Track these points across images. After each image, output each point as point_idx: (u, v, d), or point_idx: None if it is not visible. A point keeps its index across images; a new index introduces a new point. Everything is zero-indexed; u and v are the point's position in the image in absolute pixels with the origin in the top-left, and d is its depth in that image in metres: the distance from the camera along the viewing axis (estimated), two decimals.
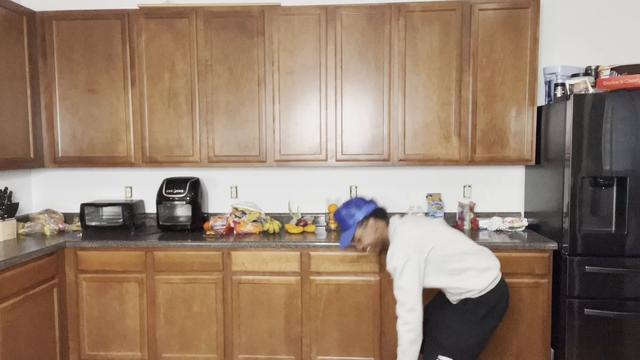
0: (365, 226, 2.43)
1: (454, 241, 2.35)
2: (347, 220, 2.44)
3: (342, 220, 2.46)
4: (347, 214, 2.45)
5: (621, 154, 2.81)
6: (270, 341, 3.14)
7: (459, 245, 2.34)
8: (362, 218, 2.42)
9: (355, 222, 2.42)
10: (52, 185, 3.83)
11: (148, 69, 3.35)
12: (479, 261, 2.32)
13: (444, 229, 2.43)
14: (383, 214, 2.48)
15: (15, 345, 2.72)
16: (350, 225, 2.44)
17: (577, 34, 3.48)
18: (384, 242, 2.48)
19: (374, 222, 2.44)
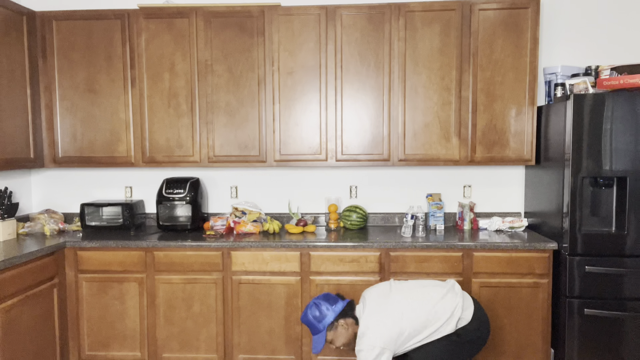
0: (336, 328, 2.38)
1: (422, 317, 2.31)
2: (316, 325, 2.38)
3: (311, 325, 2.40)
4: (314, 318, 2.38)
5: (621, 154, 2.81)
6: (270, 341, 3.14)
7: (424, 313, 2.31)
8: (332, 320, 2.37)
9: (325, 326, 2.36)
10: (52, 185, 3.83)
11: (148, 69, 3.35)
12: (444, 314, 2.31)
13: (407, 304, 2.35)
14: (352, 310, 2.42)
15: (15, 345, 2.72)
16: (320, 330, 2.37)
17: (577, 34, 3.48)
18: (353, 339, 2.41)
19: (344, 322, 2.39)
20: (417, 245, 3.04)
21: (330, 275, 3.09)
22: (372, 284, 3.05)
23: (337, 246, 3.06)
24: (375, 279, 3.06)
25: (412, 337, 2.29)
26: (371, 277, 3.07)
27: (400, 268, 3.05)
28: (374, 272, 3.06)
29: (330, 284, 3.08)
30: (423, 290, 2.42)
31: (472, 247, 3.01)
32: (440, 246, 3.03)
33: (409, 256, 3.04)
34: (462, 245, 3.01)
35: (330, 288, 3.08)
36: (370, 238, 3.16)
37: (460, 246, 3.01)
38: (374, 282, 3.06)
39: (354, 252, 3.06)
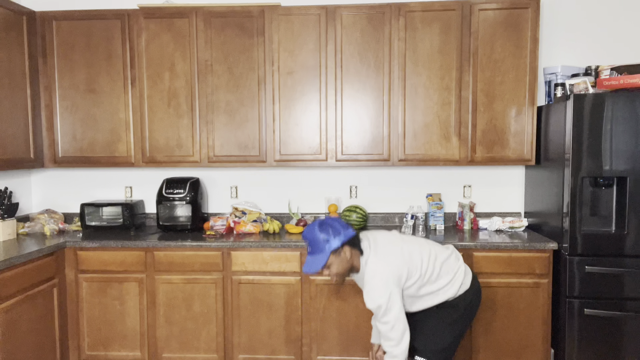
0: (339, 254, 2.20)
1: (426, 260, 2.27)
2: (321, 245, 2.18)
3: (315, 243, 2.19)
4: (321, 237, 2.18)
5: (621, 154, 2.81)
6: (270, 341, 3.14)
7: (432, 264, 2.27)
8: (338, 245, 2.18)
9: (330, 249, 2.17)
10: (52, 185, 3.83)
11: (148, 69, 3.35)
12: (448, 274, 2.29)
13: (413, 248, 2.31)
14: (359, 241, 2.27)
15: (15, 345, 2.72)
16: (322, 250, 2.18)
17: (577, 34, 3.48)
18: (351, 270, 2.30)
19: (349, 250, 2.21)
20: None
21: None
22: None
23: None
24: None
25: (419, 288, 2.25)
26: None
27: None
28: None
29: (331, 284, 3.08)
30: (431, 247, 2.36)
31: (472, 247, 3.01)
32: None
33: None
34: (462, 245, 3.01)
35: (330, 288, 3.09)
36: None
37: (460, 246, 3.01)
38: None
39: None
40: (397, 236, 2.40)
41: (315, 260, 2.20)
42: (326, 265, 2.22)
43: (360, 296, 3.07)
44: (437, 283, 2.27)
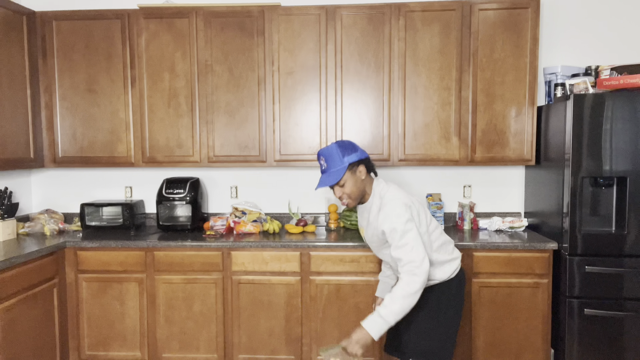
0: (355, 172, 2.15)
1: (432, 223, 2.27)
2: (338, 158, 2.13)
3: (332, 157, 2.14)
4: (340, 151, 2.14)
5: (621, 154, 2.81)
6: (270, 341, 3.14)
7: (437, 231, 2.26)
8: (356, 160, 2.14)
9: (347, 163, 2.12)
10: (52, 185, 3.83)
11: (148, 69, 3.35)
12: (447, 253, 2.26)
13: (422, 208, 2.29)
14: (373, 167, 2.23)
15: (15, 345, 2.72)
16: (340, 164, 2.12)
17: (577, 34, 3.48)
18: (363, 193, 2.22)
19: (364, 169, 2.17)
20: None
21: (330, 275, 3.09)
22: (372, 284, 3.06)
23: (337, 246, 3.06)
24: (375, 279, 3.06)
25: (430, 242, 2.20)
26: (371, 277, 3.06)
27: None
28: (374, 272, 3.06)
29: (331, 284, 3.08)
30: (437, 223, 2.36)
31: (472, 247, 3.01)
32: None
33: None
34: (462, 245, 3.01)
35: (330, 288, 3.09)
36: None
37: (460, 246, 3.01)
38: (374, 282, 3.06)
39: (354, 252, 3.06)
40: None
41: (330, 175, 2.15)
42: (340, 183, 2.16)
43: (360, 296, 3.07)
44: (435, 254, 2.20)
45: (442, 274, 2.23)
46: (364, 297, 3.07)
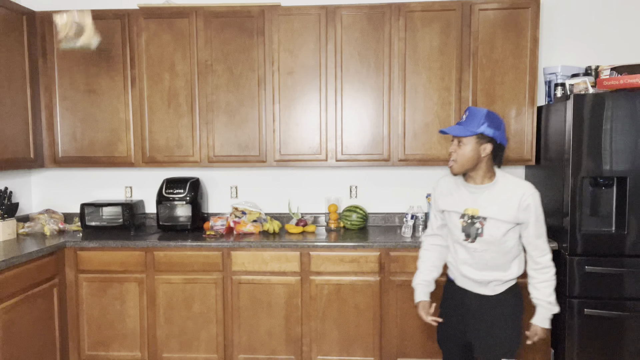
0: (479, 144, 2.06)
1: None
2: (476, 122, 2.05)
3: (473, 118, 2.07)
4: (483, 119, 2.05)
5: (621, 154, 2.81)
6: (270, 341, 3.14)
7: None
8: (489, 135, 2.04)
9: (480, 131, 2.04)
10: (52, 185, 3.83)
11: (148, 69, 3.35)
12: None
13: None
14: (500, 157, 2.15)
15: (15, 345, 2.72)
16: (472, 127, 2.05)
17: (577, 34, 3.48)
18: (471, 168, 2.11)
19: (489, 149, 2.07)
20: (417, 245, 3.04)
21: (330, 275, 3.09)
22: (372, 284, 3.06)
23: (337, 246, 3.06)
24: (375, 279, 3.06)
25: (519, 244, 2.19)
26: (371, 277, 3.07)
27: (400, 268, 3.05)
28: (374, 272, 3.06)
29: (331, 284, 3.08)
30: None
31: None
32: None
33: (409, 256, 3.04)
34: None
35: (330, 288, 3.09)
36: (370, 238, 3.16)
37: None
38: (374, 282, 3.06)
39: (354, 252, 3.06)
40: None
41: (459, 128, 2.08)
42: (461, 140, 2.08)
43: (360, 296, 3.07)
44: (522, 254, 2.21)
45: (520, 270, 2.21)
46: (364, 297, 3.07)
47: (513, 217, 2.06)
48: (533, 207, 2.06)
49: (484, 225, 2.10)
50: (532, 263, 2.14)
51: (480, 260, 2.14)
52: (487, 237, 2.10)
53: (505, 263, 2.14)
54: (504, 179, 2.16)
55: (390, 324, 3.07)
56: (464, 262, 2.19)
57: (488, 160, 2.12)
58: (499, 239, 2.09)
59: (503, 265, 2.14)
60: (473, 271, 2.17)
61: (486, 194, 2.12)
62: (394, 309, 3.07)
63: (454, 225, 2.19)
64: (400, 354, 3.09)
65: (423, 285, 2.36)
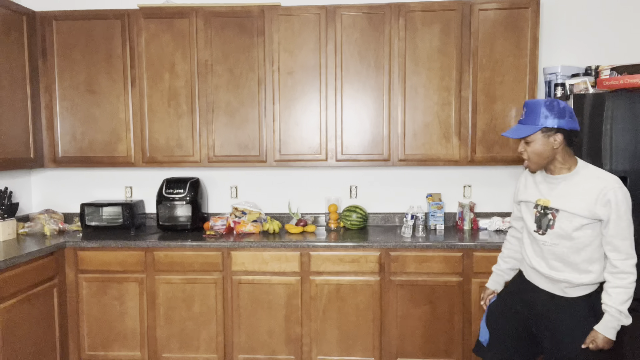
0: (548, 137, 1.94)
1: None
2: (536, 115, 1.94)
3: (533, 112, 1.96)
4: (543, 110, 1.93)
5: (621, 154, 2.81)
6: (270, 341, 3.14)
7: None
8: (554, 126, 1.92)
9: (543, 125, 1.93)
10: (52, 185, 3.83)
11: (148, 69, 3.35)
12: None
13: None
14: (578, 142, 2.03)
15: (15, 345, 2.72)
16: (535, 122, 1.94)
17: (577, 34, 3.48)
18: (548, 163, 2.01)
19: (561, 139, 1.94)
20: (417, 245, 3.04)
21: (330, 275, 3.09)
22: (372, 284, 3.06)
23: (337, 246, 3.07)
24: (375, 279, 3.06)
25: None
26: (371, 277, 3.07)
27: (400, 268, 3.05)
28: (374, 272, 3.06)
29: (331, 284, 3.08)
30: None
31: (472, 247, 3.01)
32: (440, 246, 3.03)
33: (409, 256, 3.04)
34: (462, 245, 3.01)
35: (330, 288, 3.09)
36: (370, 238, 3.16)
37: (460, 246, 3.01)
38: (374, 282, 3.06)
39: (354, 252, 3.06)
40: None
41: (521, 128, 1.98)
42: (527, 139, 1.98)
43: (360, 296, 3.07)
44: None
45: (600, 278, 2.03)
46: (364, 297, 3.07)
47: (588, 212, 1.91)
48: (614, 203, 1.88)
49: (556, 218, 1.99)
50: (609, 266, 1.93)
51: (550, 255, 2.02)
52: (557, 230, 1.98)
53: (579, 263, 1.97)
54: (585, 170, 2.00)
55: (390, 324, 3.07)
56: (534, 254, 2.10)
57: (563, 150, 1.98)
58: (570, 234, 1.96)
59: (577, 265, 1.97)
60: (543, 265, 2.05)
61: (562, 185, 2.01)
62: (394, 309, 3.07)
63: (528, 216, 2.11)
64: (400, 354, 3.09)
65: (495, 273, 2.35)
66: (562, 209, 1.97)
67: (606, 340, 1.92)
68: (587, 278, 1.97)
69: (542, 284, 2.08)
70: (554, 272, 2.02)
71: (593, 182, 1.95)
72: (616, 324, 1.91)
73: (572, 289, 2.00)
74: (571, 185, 1.98)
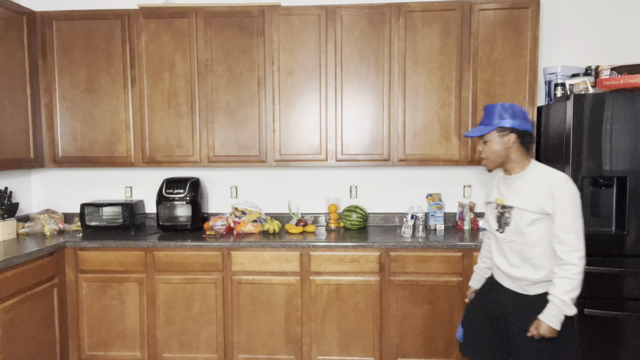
0: (503, 136, 2.10)
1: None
2: (492, 117, 2.12)
3: (489, 114, 2.14)
4: (498, 112, 2.11)
5: (621, 154, 2.81)
6: (270, 341, 3.14)
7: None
8: (507, 127, 2.08)
9: (497, 125, 2.09)
10: (52, 185, 3.83)
11: (148, 69, 3.35)
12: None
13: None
14: (529, 143, 2.14)
15: (15, 345, 2.72)
16: (490, 123, 2.12)
17: (577, 34, 3.48)
18: (504, 163, 2.16)
19: (515, 139, 2.10)
20: (417, 245, 3.04)
21: (330, 275, 3.09)
22: (372, 284, 3.06)
23: (337, 246, 3.07)
24: (375, 279, 3.06)
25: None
26: (371, 277, 3.07)
27: (400, 268, 3.05)
28: (374, 272, 3.06)
29: (331, 284, 3.08)
30: None
31: (472, 247, 3.01)
32: (440, 246, 3.03)
33: (409, 256, 3.04)
34: (462, 245, 3.01)
35: (330, 288, 3.09)
36: (370, 238, 3.16)
37: (460, 246, 3.01)
38: (374, 282, 3.06)
39: (354, 252, 3.06)
40: None
41: (479, 128, 2.16)
42: (484, 139, 2.15)
43: (360, 296, 3.07)
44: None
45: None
46: (364, 297, 3.07)
47: (536, 207, 2.02)
48: (559, 197, 1.99)
49: (511, 215, 2.10)
50: (557, 259, 2.03)
51: (510, 252, 2.13)
52: (513, 226, 2.10)
53: (534, 258, 2.06)
54: (536, 169, 2.12)
55: (390, 324, 3.07)
56: (497, 252, 2.21)
57: (517, 150, 2.12)
58: (522, 229, 2.06)
59: (532, 261, 2.07)
60: (504, 263, 2.17)
61: (517, 184, 2.13)
62: (394, 309, 3.07)
63: (491, 216, 2.23)
64: (400, 354, 3.09)
65: (476, 272, 2.48)
66: (515, 205, 2.09)
67: (549, 329, 1.98)
68: (541, 274, 2.06)
69: (506, 282, 2.18)
70: (514, 269, 2.12)
71: (541, 179, 2.07)
72: (558, 313, 1.97)
73: (531, 286, 2.08)
74: (524, 184, 2.11)
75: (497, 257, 2.21)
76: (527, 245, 2.07)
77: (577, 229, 1.99)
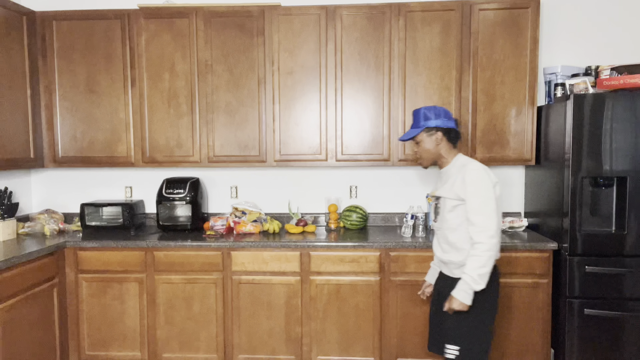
0: (431, 135, 2.34)
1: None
2: (419, 120, 2.36)
3: (417, 117, 2.38)
4: (423, 114, 2.35)
5: (621, 154, 2.81)
6: (270, 341, 3.14)
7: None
8: (433, 126, 2.32)
9: (424, 126, 2.33)
10: (52, 185, 3.83)
11: (148, 69, 3.35)
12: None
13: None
14: (455, 138, 2.37)
15: (15, 345, 2.72)
16: (418, 125, 2.35)
17: (577, 34, 3.48)
18: (436, 160, 2.39)
19: (441, 137, 2.33)
20: (417, 245, 3.04)
21: (330, 275, 3.09)
22: (372, 284, 3.06)
23: (337, 246, 3.07)
24: (375, 279, 3.06)
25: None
26: (371, 277, 3.07)
27: (400, 268, 3.05)
28: (374, 272, 3.06)
29: (331, 284, 3.08)
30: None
31: None
32: None
33: (409, 256, 3.04)
34: None
35: (330, 288, 3.09)
36: (370, 238, 3.16)
37: None
38: (374, 282, 3.06)
39: (354, 252, 3.06)
40: None
41: (410, 132, 2.40)
42: (416, 140, 2.39)
43: (360, 296, 3.07)
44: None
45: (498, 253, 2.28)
46: (364, 297, 3.07)
47: (453, 194, 2.23)
48: (468, 183, 2.18)
49: (440, 205, 2.34)
50: (470, 240, 2.20)
51: (441, 239, 2.37)
52: (441, 215, 2.34)
53: (456, 242, 2.27)
54: (459, 161, 2.34)
55: (390, 324, 3.07)
56: (435, 241, 2.46)
57: (444, 146, 2.35)
58: (445, 216, 2.29)
59: (454, 244, 2.28)
60: (439, 250, 2.41)
61: (444, 176, 2.37)
62: (394, 309, 3.07)
63: (431, 210, 2.47)
64: (400, 354, 3.09)
65: (431, 267, 2.64)
66: (441, 195, 2.32)
67: (458, 303, 2.17)
68: (462, 255, 2.25)
69: (442, 267, 2.42)
70: (445, 254, 2.35)
71: (459, 169, 2.29)
72: (467, 288, 2.15)
73: (457, 269, 2.28)
74: (449, 175, 2.33)
75: (434, 245, 2.46)
76: (449, 230, 2.29)
77: (486, 212, 2.16)
